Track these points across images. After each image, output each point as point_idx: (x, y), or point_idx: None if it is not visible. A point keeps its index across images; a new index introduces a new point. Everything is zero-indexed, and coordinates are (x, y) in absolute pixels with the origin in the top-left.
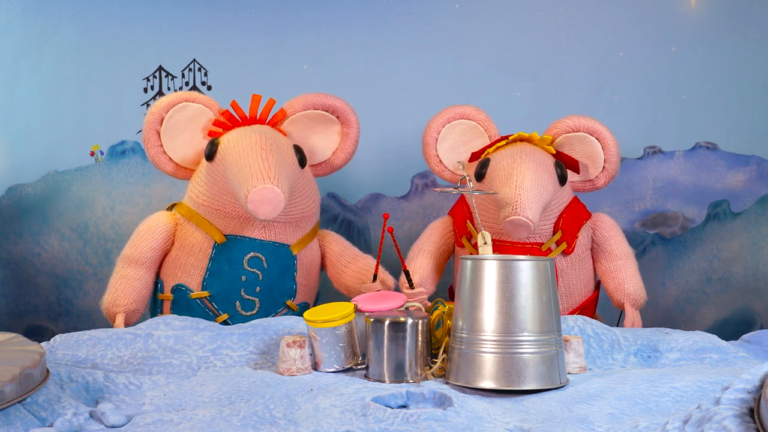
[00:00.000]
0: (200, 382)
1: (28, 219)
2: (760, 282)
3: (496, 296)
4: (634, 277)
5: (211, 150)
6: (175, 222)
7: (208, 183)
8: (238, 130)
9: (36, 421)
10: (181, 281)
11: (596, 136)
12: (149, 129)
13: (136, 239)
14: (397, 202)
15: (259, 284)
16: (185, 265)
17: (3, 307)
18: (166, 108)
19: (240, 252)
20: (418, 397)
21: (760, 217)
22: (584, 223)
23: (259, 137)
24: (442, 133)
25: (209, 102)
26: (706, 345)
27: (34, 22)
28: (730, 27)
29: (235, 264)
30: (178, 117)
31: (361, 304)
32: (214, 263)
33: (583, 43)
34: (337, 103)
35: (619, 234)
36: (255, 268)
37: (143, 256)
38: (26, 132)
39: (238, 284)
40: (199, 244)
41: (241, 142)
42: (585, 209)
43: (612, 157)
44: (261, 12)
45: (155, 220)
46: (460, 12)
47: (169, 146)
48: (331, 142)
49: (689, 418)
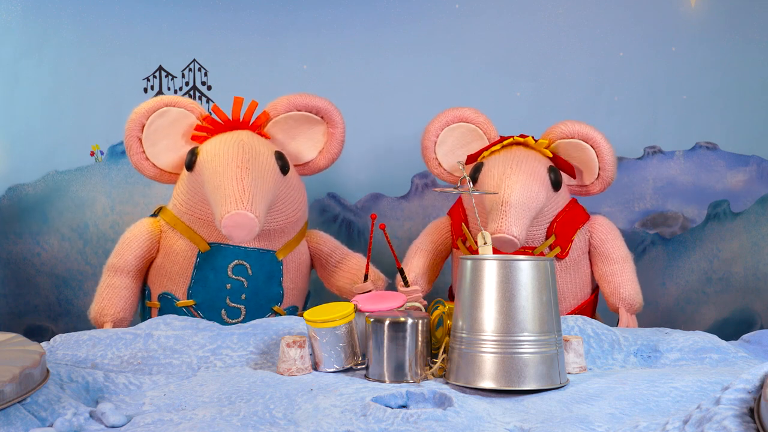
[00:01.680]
0: (200, 382)
1: (28, 219)
2: (760, 282)
3: (496, 296)
4: (631, 282)
5: (191, 160)
6: (159, 229)
7: (189, 191)
8: (217, 139)
9: (36, 421)
10: (167, 289)
11: (591, 143)
12: (130, 136)
13: (120, 248)
14: (397, 202)
15: (245, 291)
16: (170, 273)
17: (3, 307)
18: (146, 114)
19: (224, 260)
20: (418, 397)
21: (760, 217)
22: (581, 227)
23: (236, 151)
24: (441, 137)
25: (191, 105)
26: (706, 345)
27: (34, 22)
28: (730, 27)
29: (220, 272)
30: (159, 122)
31: (361, 304)
32: (198, 271)
33: (583, 43)
34: (321, 104)
35: (617, 237)
36: (240, 276)
37: (128, 265)
38: (26, 132)
39: (223, 292)
40: (183, 252)
41: (218, 157)
42: (583, 212)
43: (607, 164)
44: (261, 12)
45: (139, 228)
46: (460, 12)
47: (151, 152)
48: (317, 142)
49: (689, 418)
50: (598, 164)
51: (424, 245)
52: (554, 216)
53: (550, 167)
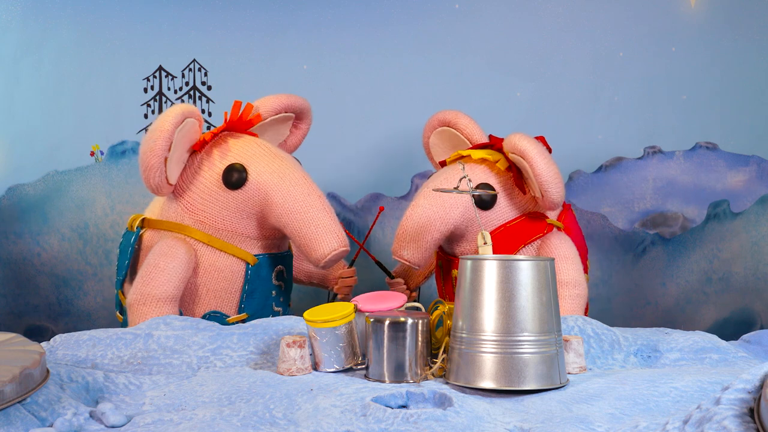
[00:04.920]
0: (200, 382)
1: (28, 219)
2: (760, 282)
3: (496, 296)
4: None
5: (240, 179)
6: (192, 249)
7: (230, 209)
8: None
9: (36, 421)
10: (215, 308)
11: (524, 157)
12: (155, 156)
13: (161, 275)
14: (397, 202)
15: (283, 294)
16: (215, 291)
17: (3, 307)
18: (173, 130)
19: (270, 269)
20: (418, 397)
21: (760, 217)
22: (527, 242)
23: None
24: (432, 140)
25: (197, 111)
26: (706, 345)
27: (34, 22)
28: (730, 27)
29: (266, 281)
30: (178, 137)
31: (361, 304)
32: (249, 285)
33: (583, 43)
34: (305, 105)
35: (568, 259)
36: (280, 281)
37: (178, 292)
38: (26, 132)
39: (270, 299)
40: (229, 268)
41: (286, 181)
42: (538, 226)
43: (544, 183)
44: (261, 12)
45: (175, 251)
46: (460, 12)
47: (169, 169)
48: (281, 135)
49: (689, 418)
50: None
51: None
52: (493, 229)
53: (479, 185)
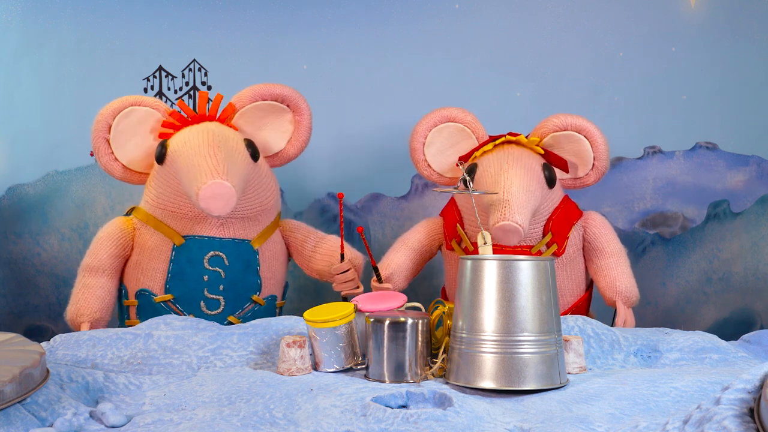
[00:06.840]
0: (200, 382)
1: (28, 219)
2: (760, 282)
3: (496, 296)
4: (626, 275)
5: (161, 152)
6: (132, 227)
7: (161, 185)
8: (186, 131)
9: (36, 421)
10: (144, 286)
11: (584, 133)
12: (97, 137)
13: (95, 247)
14: (397, 202)
15: (222, 282)
16: (146, 269)
17: (3, 307)
18: (112, 115)
19: (200, 252)
20: (418, 397)
21: (760, 217)
22: (575, 223)
23: (206, 135)
24: (429, 138)
25: (155, 103)
26: (706, 345)
27: (34, 22)
28: (730, 27)
29: (196, 264)
30: (125, 123)
31: (361, 304)
32: (174, 265)
33: (583, 43)
34: (285, 92)
35: (610, 232)
36: (216, 267)
37: (103, 264)
38: (26, 132)
39: (201, 284)
40: (158, 248)
41: (189, 142)
42: (576, 208)
43: (601, 154)
44: (261, 12)
45: (113, 227)
46: (460, 12)
47: (120, 153)
48: (284, 132)
49: (689, 418)
50: (593, 154)
51: (410, 242)
52: (550, 213)
53: (543, 164)
